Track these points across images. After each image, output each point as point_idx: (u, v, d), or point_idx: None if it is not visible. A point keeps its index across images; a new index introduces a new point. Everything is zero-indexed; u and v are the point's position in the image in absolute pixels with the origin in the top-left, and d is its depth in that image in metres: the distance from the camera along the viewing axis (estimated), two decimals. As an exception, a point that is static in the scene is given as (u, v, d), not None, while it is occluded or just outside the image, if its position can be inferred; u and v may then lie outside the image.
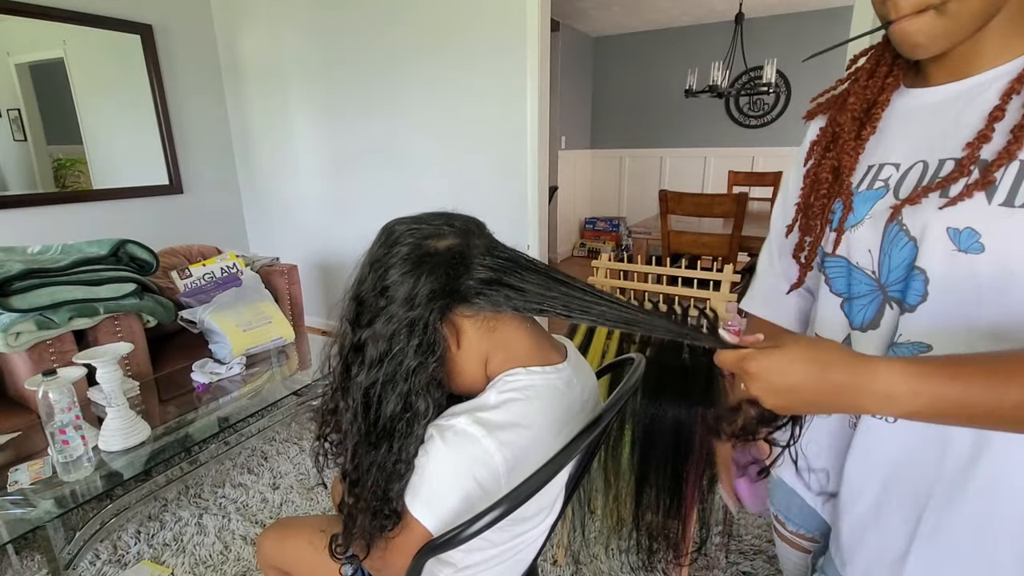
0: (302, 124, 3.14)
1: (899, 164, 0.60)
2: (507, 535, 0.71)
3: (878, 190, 0.61)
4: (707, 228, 2.91)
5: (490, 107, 2.50)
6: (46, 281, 1.71)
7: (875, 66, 0.64)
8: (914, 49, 0.55)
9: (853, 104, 0.65)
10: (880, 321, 0.62)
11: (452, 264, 0.64)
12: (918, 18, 0.52)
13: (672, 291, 1.49)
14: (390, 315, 0.63)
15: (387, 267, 0.64)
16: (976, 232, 0.52)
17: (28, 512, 1.25)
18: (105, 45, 2.74)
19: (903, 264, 0.58)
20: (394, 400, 0.63)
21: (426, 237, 0.65)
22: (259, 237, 3.58)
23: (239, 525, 1.76)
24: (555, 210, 5.10)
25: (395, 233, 0.67)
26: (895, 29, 0.54)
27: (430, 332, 0.63)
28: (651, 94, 5.37)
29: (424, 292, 0.62)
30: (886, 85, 0.63)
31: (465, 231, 0.67)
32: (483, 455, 0.61)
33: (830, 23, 4.40)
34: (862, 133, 0.64)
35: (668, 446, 1.35)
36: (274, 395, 1.90)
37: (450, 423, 0.63)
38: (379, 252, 0.66)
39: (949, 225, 0.54)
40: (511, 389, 0.66)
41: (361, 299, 0.66)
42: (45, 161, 2.63)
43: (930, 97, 0.60)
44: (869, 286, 0.62)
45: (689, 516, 1.40)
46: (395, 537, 0.64)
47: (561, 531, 1.63)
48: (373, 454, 0.63)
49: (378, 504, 0.64)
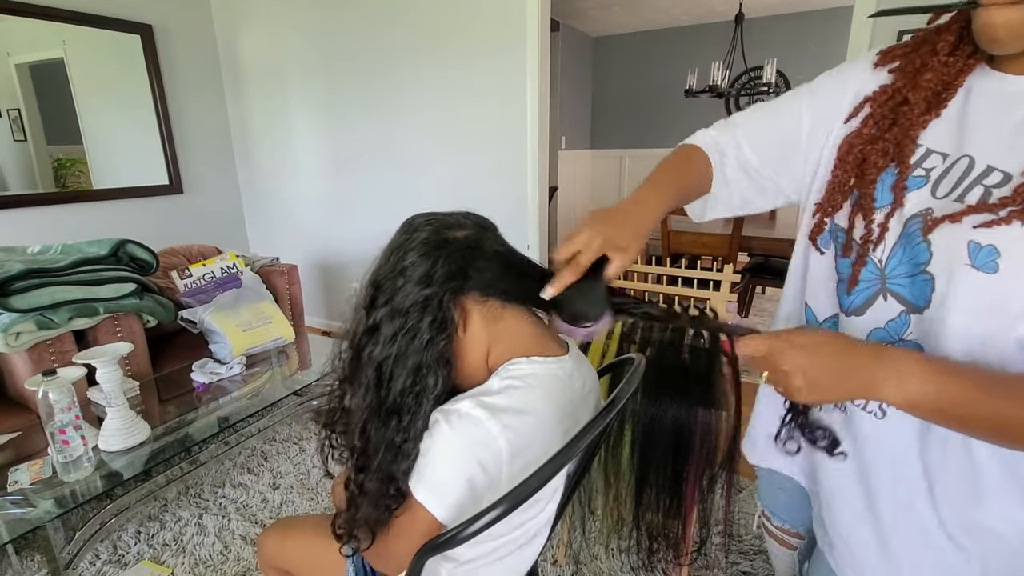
0: (302, 124, 3.14)
1: (946, 155, 0.56)
2: (508, 526, 0.71)
3: (918, 179, 0.57)
4: (707, 228, 2.91)
5: (490, 107, 2.50)
6: (46, 281, 1.71)
7: (958, 40, 0.57)
8: (992, 43, 0.50)
9: (929, 81, 0.57)
10: (867, 310, 0.61)
11: (468, 251, 0.67)
12: (1009, 9, 0.48)
13: (672, 291, 1.49)
14: (406, 292, 0.65)
15: (406, 250, 0.67)
16: (996, 251, 0.49)
17: (28, 512, 1.25)
18: (105, 45, 2.74)
19: (911, 262, 0.56)
20: (405, 374, 0.65)
21: (446, 226, 0.69)
22: (259, 237, 3.58)
23: (239, 525, 1.76)
24: (555, 210, 5.10)
25: (415, 222, 0.70)
26: (981, 14, 0.50)
27: (443, 309, 0.65)
28: (651, 94, 5.38)
29: (441, 272, 0.65)
30: (966, 66, 0.56)
31: (480, 225, 0.71)
32: (486, 437, 0.62)
33: (830, 23, 4.40)
34: (926, 117, 0.58)
35: (668, 446, 1.35)
36: (274, 395, 1.90)
37: (454, 407, 0.64)
38: (400, 239, 0.69)
39: (972, 238, 0.51)
40: (513, 376, 0.67)
41: (378, 283, 0.68)
42: (45, 161, 2.63)
43: (1003, 86, 0.54)
44: (871, 273, 0.61)
45: (689, 516, 1.40)
46: (398, 518, 0.65)
47: (561, 531, 1.63)
48: (382, 430, 0.65)
49: (383, 484, 0.65)
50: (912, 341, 0.58)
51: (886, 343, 0.59)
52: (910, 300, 0.57)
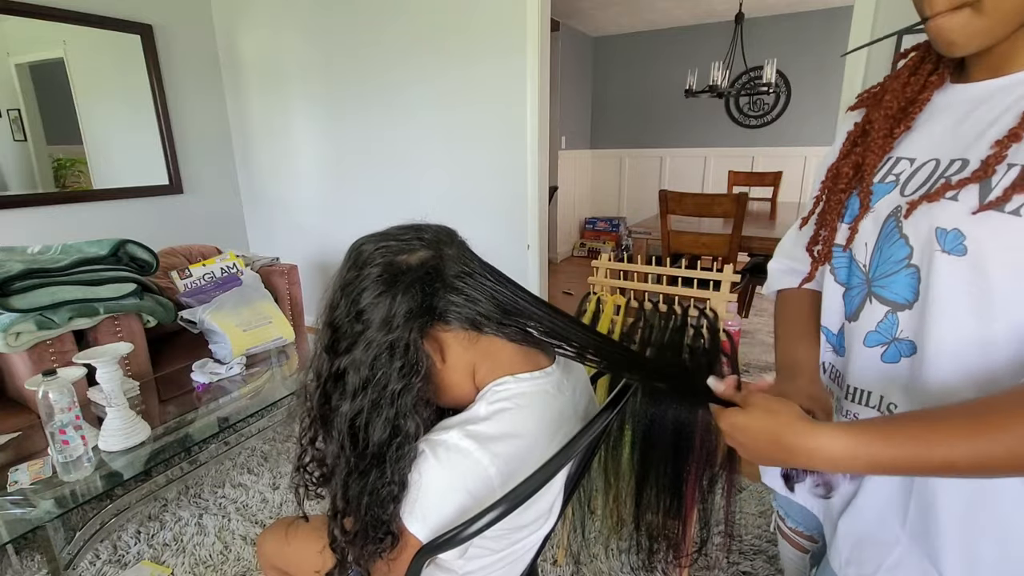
0: (302, 124, 3.14)
1: (914, 159, 0.60)
2: (505, 542, 0.71)
3: (888, 184, 0.61)
4: (707, 228, 2.91)
5: (490, 107, 2.50)
6: (46, 281, 1.71)
7: (919, 63, 0.63)
8: (950, 47, 0.54)
9: (888, 102, 0.64)
10: (860, 314, 0.63)
11: (427, 280, 0.62)
12: (954, 15, 0.51)
13: (672, 291, 1.49)
14: (368, 340, 0.61)
15: (360, 290, 0.62)
16: (962, 234, 0.52)
17: (28, 512, 1.25)
18: (105, 45, 2.74)
19: (892, 260, 0.58)
20: (381, 426, 0.61)
21: (396, 254, 0.63)
22: (259, 237, 3.58)
23: (239, 525, 1.76)
24: (555, 210, 5.10)
25: (364, 253, 0.65)
26: (931, 26, 0.54)
27: (412, 352, 0.61)
28: (651, 94, 5.37)
29: (401, 312, 0.60)
30: (928, 83, 0.61)
31: (436, 242, 0.65)
32: (476, 468, 0.60)
33: (830, 23, 4.40)
34: (895, 131, 0.63)
35: (668, 446, 1.35)
36: (274, 395, 1.89)
37: (441, 438, 0.62)
38: (349, 275, 0.64)
39: (938, 225, 0.53)
40: (501, 399, 0.65)
41: (336, 326, 0.63)
42: (45, 161, 2.63)
43: (965, 93, 0.58)
44: (860, 278, 0.63)
45: (689, 516, 1.40)
46: (395, 559, 0.63)
47: (561, 531, 1.63)
48: (363, 482, 0.62)
49: (372, 530, 0.62)
50: (906, 340, 0.59)
51: (882, 345, 0.61)
52: (890, 299, 0.59)
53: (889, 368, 0.61)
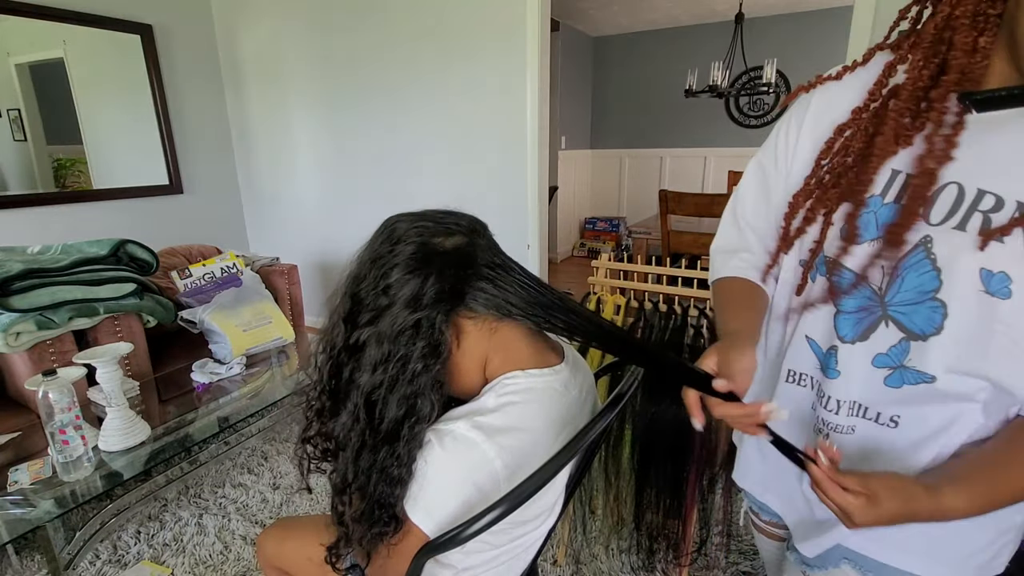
0: (302, 124, 3.14)
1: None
2: (506, 537, 0.71)
3: (888, 205, 0.58)
4: (707, 228, 2.91)
5: (490, 107, 2.50)
6: (46, 281, 1.71)
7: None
8: None
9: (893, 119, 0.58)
10: (871, 335, 0.61)
11: (460, 265, 0.62)
12: None
13: (672, 291, 1.49)
14: (394, 316, 0.61)
15: (391, 265, 0.62)
16: (1009, 277, 0.50)
17: (28, 512, 1.25)
18: (105, 45, 2.73)
19: (918, 290, 0.56)
20: (397, 403, 0.61)
21: (433, 235, 0.63)
22: (259, 237, 3.58)
23: (239, 525, 1.76)
24: (555, 210, 5.10)
25: (399, 230, 0.64)
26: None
27: (436, 333, 0.61)
28: (651, 94, 5.37)
29: (431, 293, 0.60)
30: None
31: (471, 230, 0.66)
32: (482, 460, 0.61)
33: (830, 23, 4.40)
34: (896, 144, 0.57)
35: (668, 446, 1.35)
36: (274, 395, 1.89)
37: (448, 428, 0.62)
38: (382, 248, 0.64)
39: (983, 266, 0.52)
40: (510, 392, 0.65)
41: (359, 297, 0.63)
42: (45, 161, 2.63)
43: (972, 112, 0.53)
44: (869, 300, 0.60)
45: (689, 516, 1.40)
46: (397, 544, 0.64)
47: (561, 531, 1.63)
48: (373, 458, 0.62)
49: (378, 510, 0.62)
50: (913, 369, 0.58)
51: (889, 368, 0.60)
52: (909, 328, 0.58)
53: (890, 391, 0.61)
